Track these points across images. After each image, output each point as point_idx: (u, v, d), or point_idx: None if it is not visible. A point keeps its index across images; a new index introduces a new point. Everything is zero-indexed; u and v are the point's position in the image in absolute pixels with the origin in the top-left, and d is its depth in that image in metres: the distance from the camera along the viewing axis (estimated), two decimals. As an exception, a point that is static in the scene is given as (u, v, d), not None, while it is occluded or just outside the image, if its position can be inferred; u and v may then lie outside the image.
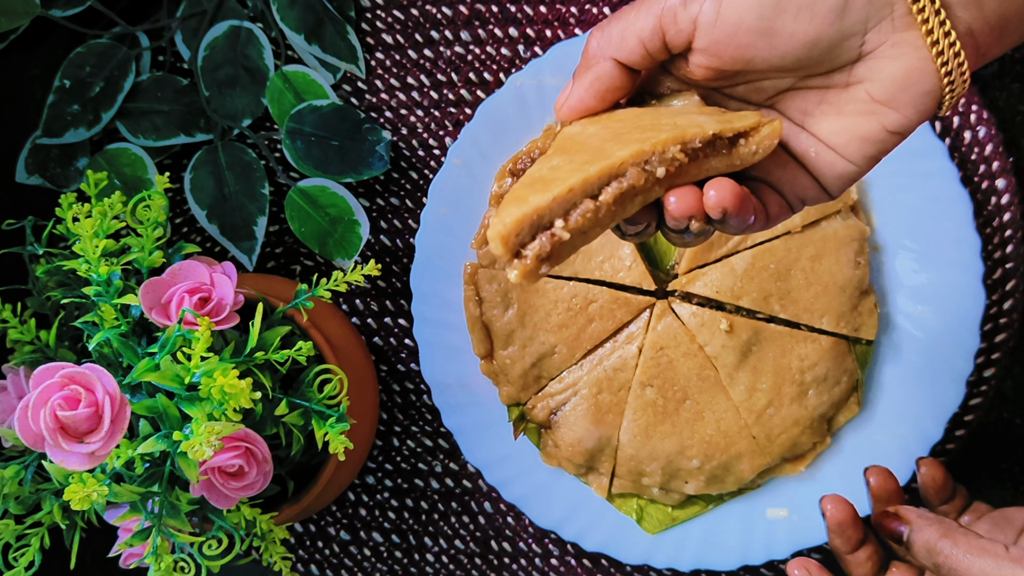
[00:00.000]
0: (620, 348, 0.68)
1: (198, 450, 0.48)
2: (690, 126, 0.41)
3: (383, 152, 0.71)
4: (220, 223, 0.73)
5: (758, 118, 0.42)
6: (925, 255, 0.67)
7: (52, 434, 0.50)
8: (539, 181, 0.39)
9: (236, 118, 0.73)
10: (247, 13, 0.73)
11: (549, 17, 0.72)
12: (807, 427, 0.67)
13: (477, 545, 0.75)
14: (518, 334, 0.69)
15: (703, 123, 0.41)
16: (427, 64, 0.74)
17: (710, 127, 0.40)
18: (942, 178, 0.66)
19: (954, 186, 0.65)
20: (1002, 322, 0.69)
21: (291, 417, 0.57)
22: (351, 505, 0.77)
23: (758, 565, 0.72)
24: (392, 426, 0.76)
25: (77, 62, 0.72)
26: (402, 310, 0.75)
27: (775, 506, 0.69)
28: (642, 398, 0.68)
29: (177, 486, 0.55)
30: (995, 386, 0.70)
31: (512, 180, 0.68)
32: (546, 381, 0.70)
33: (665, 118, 0.42)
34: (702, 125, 0.41)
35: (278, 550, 0.59)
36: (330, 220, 0.72)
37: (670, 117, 0.42)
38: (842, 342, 0.67)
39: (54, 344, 0.59)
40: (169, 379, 0.51)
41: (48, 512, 0.56)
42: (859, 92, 0.41)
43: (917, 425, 0.67)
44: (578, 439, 0.69)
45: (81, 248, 0.55)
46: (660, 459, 0.68)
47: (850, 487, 0.67)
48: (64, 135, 0.71)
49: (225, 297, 0.56)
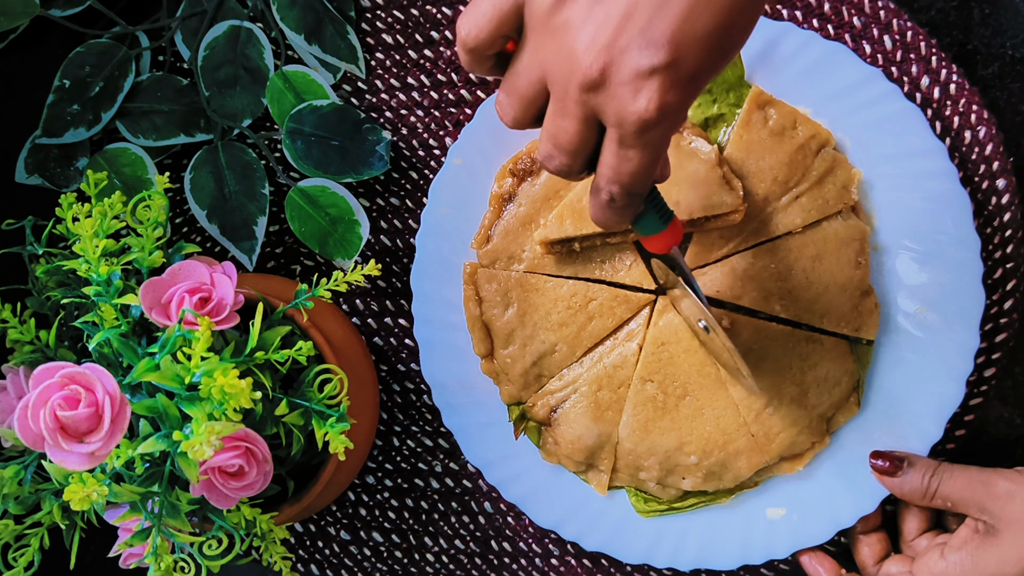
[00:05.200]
0: (620, 345, 0.68)
1: (198, 450, 0.48)
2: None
3: (383, 152, 0.71)
4: (220, 223, 0.73)
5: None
6: (925, 255, 0.67)
7: (52, 434, 0.50)
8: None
9: (236, 118, 0.73)
10: (247, 13, 0.73)
11: (549, 17, 0.72)
12: (806, 427, 0.67)
13: (477, 545, 0.75)
14: (518, 333, 0.69)
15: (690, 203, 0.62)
16: (427, 64, 0.74)
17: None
18: (942, 178, 0.66)
19: (954, 186, 0.65)
20: (1002, 322, 0.69)
21: (291, 417, 0.57)
22: (351, 505, 0.77)
23: (758, 565, 0.72)
24: (392, 426, 0.76)
25: (77, 62, 0.72)
26: (402, 310, 0.75)
27: (775, 505, 0.69)
28: (642, 393, 0.68)
29: (177, 486, 0.54)
30: (995, 386, 0.70)
31: (512, 180, 0.69)
32: (547, 380, 0.70)
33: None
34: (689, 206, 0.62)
35: (278, 550, 0.59)
36: (330, 220, 0.72)
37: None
38: (843, 342, 0.67)
39: (54, 344, 0.59)
40: (169, 379, 0.51)
41: (48, 512, 0.56)
42: None
43: (917, 425, 0.67)
44: (578, 436, 0.69)
45: (81, 248, 0.55)
46: (658, 454, 0.68)
47: (849, 487, 0.67)
48: (64, 135, 0.71)
49: (225, 297, 0.56)
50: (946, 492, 0.62)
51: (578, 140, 0.45)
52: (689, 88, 0.43)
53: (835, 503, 0.67)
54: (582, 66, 0.42)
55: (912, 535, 0.66)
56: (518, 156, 0.69)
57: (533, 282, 0.69)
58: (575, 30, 0.42)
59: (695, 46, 0.41)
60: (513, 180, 0.68)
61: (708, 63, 0.42)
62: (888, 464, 0.64)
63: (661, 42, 0.41)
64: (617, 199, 0.47)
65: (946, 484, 0.62)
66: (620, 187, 0.46)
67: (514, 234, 0.69)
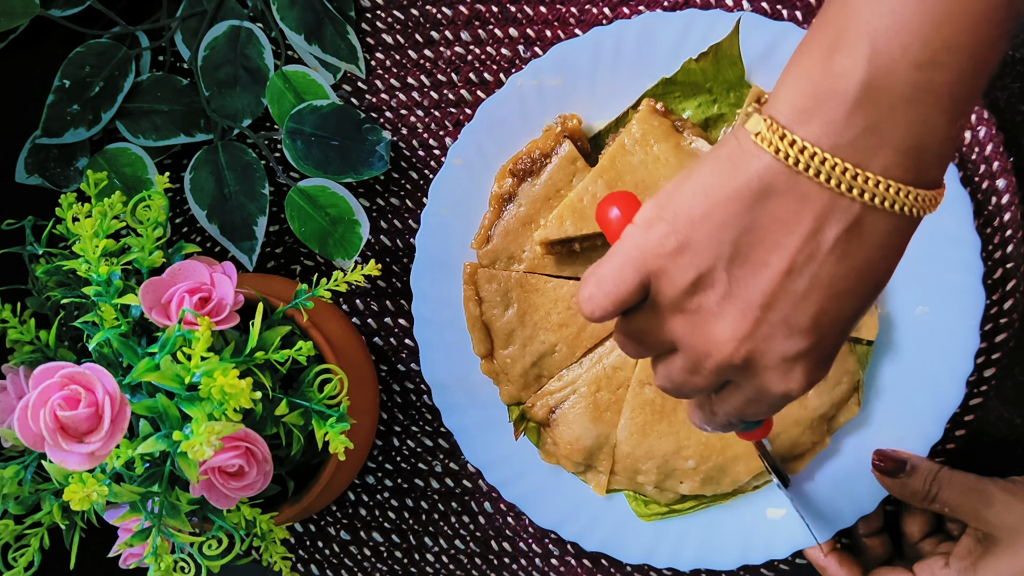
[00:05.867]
0: (620, 348, 0.68)
1: (198, 450, 0.48)
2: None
3: (383, 152, 0.71)
4: (220, 223, 0.73)
5: None
6: (925, 255, 0.67)
7: (52, 434, 0.50)
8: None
9: (236, 118, 0.73)
10: (247, 13, 0.73)
11: (549, 17, 0.72)
12: (807, 427, 0.67)
13: (477, 545, 0.75)
14: (518, 333, 0.69)
15: None
16: (427, 64, 0.74)
17: None
18: (942, 178, 0.66)
19: (954, 186, 0.65)
20: (1002, 322, 0.69)
21: (291, 417, 0.57)
22: (351, 505, 0.77)
23: (758, 565, 0.72)
24: (392, 426, 0.76)
25: (77, 62, 0.72)
26: (402, 310, 0.75)
27: (775, 506, 0.69)
28: (640, 396, 0.68)
29: (177, 486, 0.54)
30: (995, 386, 0.70)
31: (512, 180, 0.69)
32: (547, 380, 0.70)
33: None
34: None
35: (278, 550, 0.59)
36: (330, 220, 0.72)
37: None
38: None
39: (54, 344, 0.59)
40: (169, 379, 0.51)
41: (48, 512, 0.56)
42: None
43: (917, 425, 0.67)
44: (576, 437, 0.69)
45: (81, 248, 0.55)
46: (656, 458, 0.68)
47: (849, 487, 0.67)
48: (64, 135, 0.71)
49: (225, 297, 0.56)
50: (944, 497, 0.62)
51: (703, 390, 0.47)
52: (829, 361, 0.44)
53: (835, 503, 0.67)
54: (724, 351, 0.43)
55: (915, 538, 0.66)
56: (518, 156, 0.69)
57: (533, 282, 0.69)
58: (713, 317, 0.43)
59: (835, 327, 0.42)
60: (513, 180, 0.68)
61: (844, 337, 0.44)
62: (890, 464, 0.64)
63: (804, 330, 0.42)
64: (735, 425, 0.49)
65: (945, 489, 0.62)
66: (738, 419, 0.48)
67: (514, 234, 0.69)
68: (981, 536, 0.61)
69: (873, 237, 0.40)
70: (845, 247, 0.40)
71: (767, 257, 0.41)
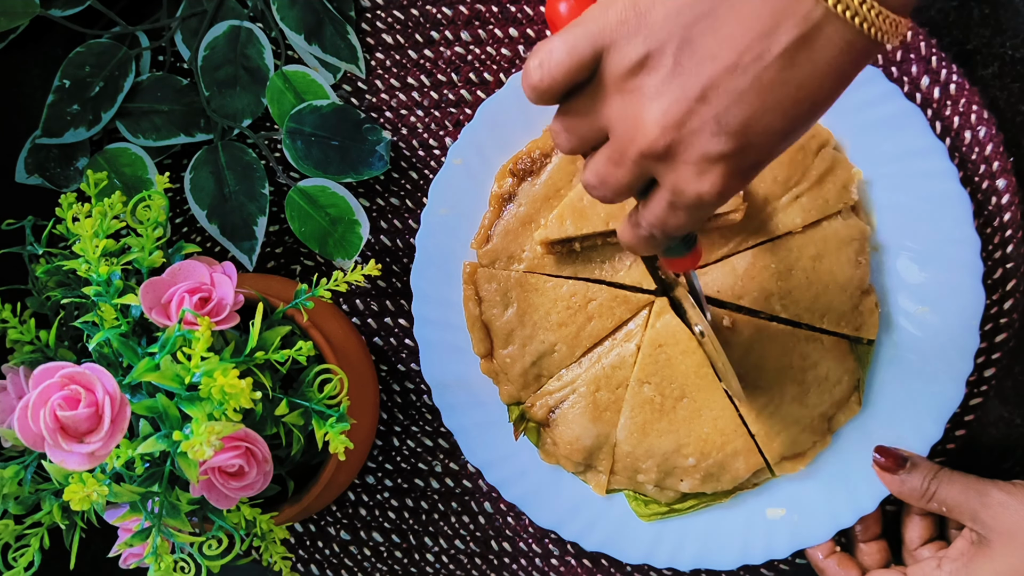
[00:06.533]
0: (619, 346, 0.68)
1: (198, 450, 0.48)
2: None
3: (383, 152, 0.71)
4: (220, 223, 0.73)
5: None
6: (925, 255, 0.67)
7: (52, 434, 0.50)
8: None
9: (236, 118, 0.73)
10: (247, 13, 0.73)
11: (549, 17, 0.72)
12: (807, 426, 0.67)
13: (477, 545, 0.75)
14: (518, 333, 0.69)
15: None
16: (427, 64, 0.74)
17: None
18: (942, 178, 0.66)
19: (954, 186, 0.65)
20: (1002, 322, 0.69)
21: (291, 417, 0.57)
22: (351, 505, 0.77)
23: (758, 565, 0.72)
24: (392, 426, 0.76)
25: (77, 62, 0.72)
26: (402, 310, 0.75)
27: (775, 505, 0.69)
28: (640, 395, 0.68)
29: (177, 486, 0.54)
30: (995, 386, 0.70)
31: (512, 180, 0.69)
32: (546, 380, 0.70)
33: None
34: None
35: (278, 550, 0.59)
36: (330, 220, 0.72)
37: None
38: (843, 342, 0.67)
39: (54, 344, 0.59)
40: (169, 379, 0.51)
41: (48, 512, 0.56)
42: None
43: (917, 425, 0.67)
44: (576, 437, 0.69)
45: (81, 248, 0.55)
46: (656, 456, 0.68)
47: (849, 487, 0.67)
48: (64, 135, 0.71)
49: (225, 297, 0.56)
50: (943, 496, 0.62)
51: (625, 186, 0.46)
52: (748, 175, 0.44)
53: (835, 503, 0.67)
54: (648, 136, 0.43)
55: (915, 544, 0.66)
56: (518, 156, 0.69)
57: (533, 282, 0.69)
58: (648, 99, 0.42)
59: (762, 139, 0.42)
60: (513, 180, 0.68)
61: (769, 155, 0.43)
62: (891, 460, 0.65)
63: (733, 131, 0.41)
64: (657, 239, 0.48)
65: (944, 489, 0.62)
66: (663, 232, 0.47)
67: (514, 234, 0.69)
68: (976, 539, 0.61)
69: (825, 50, 0.40)
70: (794, 55, 0.40)
71: (716, 49, 0.41)
